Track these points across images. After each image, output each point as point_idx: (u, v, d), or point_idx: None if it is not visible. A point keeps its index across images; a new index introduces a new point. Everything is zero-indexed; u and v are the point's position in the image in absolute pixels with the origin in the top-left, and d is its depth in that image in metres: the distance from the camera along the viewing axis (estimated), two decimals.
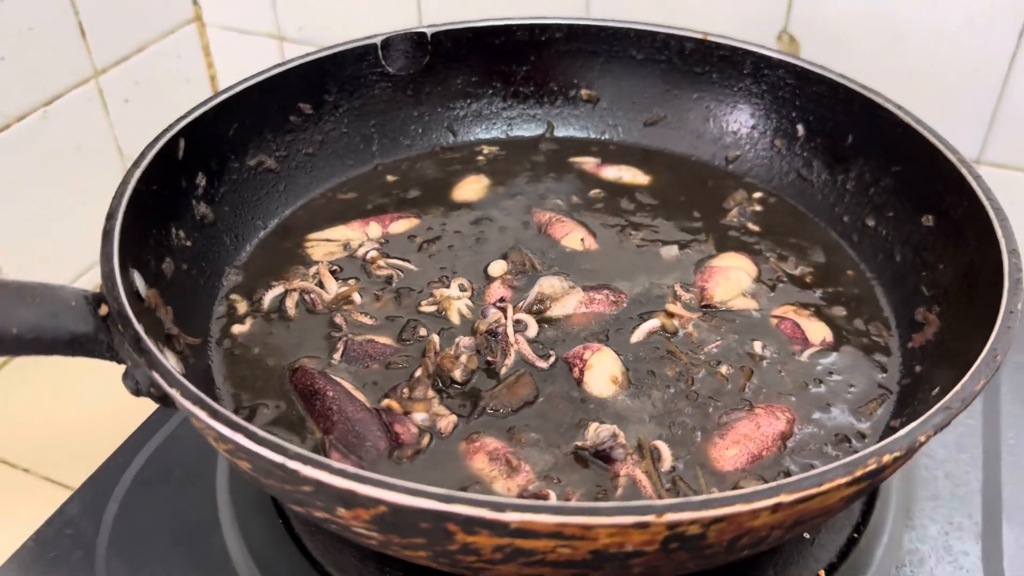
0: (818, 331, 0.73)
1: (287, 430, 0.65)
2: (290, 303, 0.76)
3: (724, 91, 0.94)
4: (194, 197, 0.78)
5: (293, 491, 0.50)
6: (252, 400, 0.68)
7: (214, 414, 0.50)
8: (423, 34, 0.93)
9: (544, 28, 0.95)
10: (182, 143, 0.77)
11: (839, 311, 0.76)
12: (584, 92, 0.98)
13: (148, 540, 0.72)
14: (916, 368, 0.68)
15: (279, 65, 0.86)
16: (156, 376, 0.52)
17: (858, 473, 0.47)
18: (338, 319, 0.74)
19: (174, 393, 0.51)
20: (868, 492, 0.57)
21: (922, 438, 0.49)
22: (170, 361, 0.63)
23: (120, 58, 1.15)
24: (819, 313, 0.75)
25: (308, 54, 0.88)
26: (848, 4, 0.97)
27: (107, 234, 0.63)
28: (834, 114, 0.85)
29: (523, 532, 0.46)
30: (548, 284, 0.76)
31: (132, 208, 0.67)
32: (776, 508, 0.47)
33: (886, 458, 0.48)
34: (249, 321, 0.75)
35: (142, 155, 0.72)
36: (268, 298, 0.76)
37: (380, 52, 0.92)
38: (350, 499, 0.48)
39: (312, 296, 0.76)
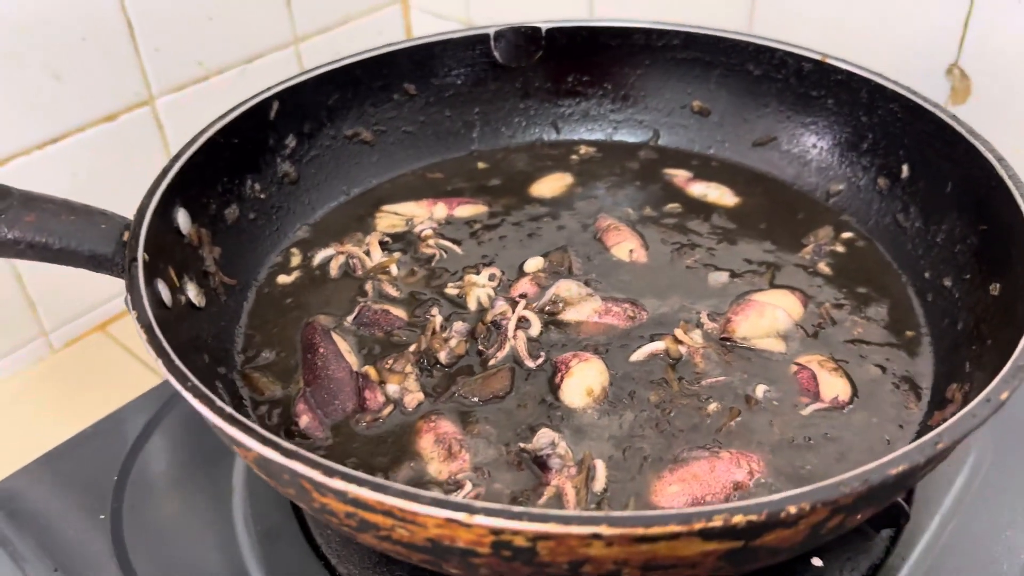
0: (834, 388, 0.66)
1: (275, 376, 0.71)
2: (334, 264, 0.81)
3: (838, 119, 0.87)
4: (280, 156, 0.86)
5: (204, 423, 0.55)
6: (261, 343, 0.74)
7: (150, 337, 0.56)
8: (537, 29, 0.94)
9: (662, 34, 0.93)
10: (276, 105, 0.84)
11: (873, 371, 0.68)
12: (696, 103, 0.95)
13: (179, 450, 0.80)
14: None
15: (388, 45, 0.91)
16: (129, 296, 0.59)
17: (697, 526, 0.43)
18: (368, 286, 0.78)
19: (133, 314, 0.58)
20: (760, 556, 0.51)
21: (792, 509, 0.44)
22: (190, 292, 0.71)
23: (322, 28, 1.25)
24: (847, 370, 0.68)
25: (419, 38, 0.93)
26: None
27: (163, 172, 0.72)
28: (938, 157, 0.76)
29: (359, 503, 0.48)
30: (565, 287, 0.75)
31: (202, 155, 0.76)
32: (606, 540, 0.44)
33: (737, 519, 0.43)
34: (295, 274, 0.81)
35: (230, 111, 0.80)
36: (319, 257, 0.82)
37: (492, 43, 0.94)
38: (230, 440, 0.51)
39: (355, 261, 0.81)
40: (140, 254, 0.63)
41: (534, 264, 0.79)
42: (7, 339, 1.03)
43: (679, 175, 0.92)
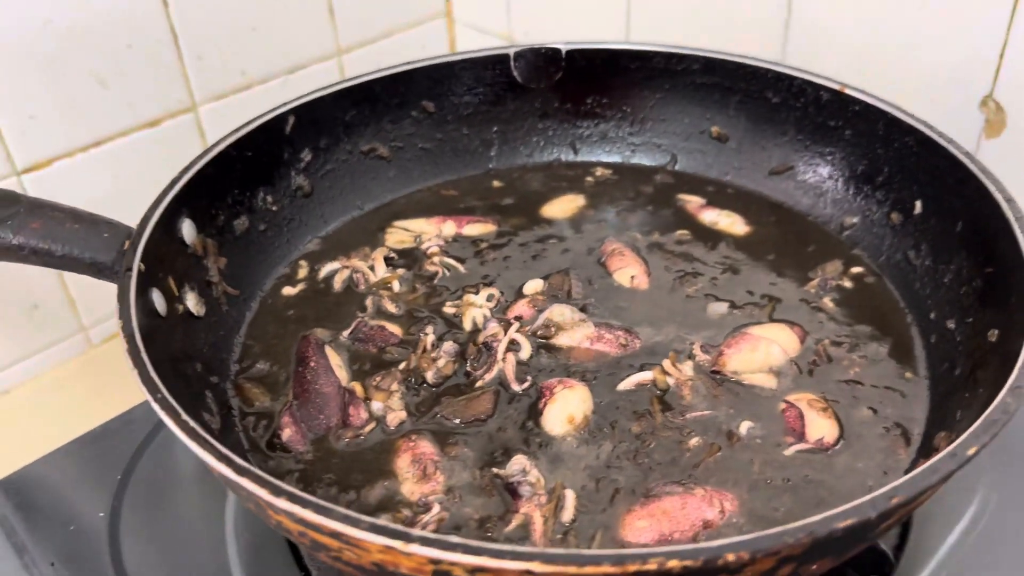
0: (820, 428, 0.65)
1: (266, 387, 0.72)
2: (339, 278, 0.82)
3: (855, 150, 0.85)
4: (295, 169, 0.87)
5: None
6: (258, 353, 0.75)
7: (130, 347, 0.57)
8: (557, 50, 0.95)
9: (682, 58, 0.92)
10: (292, 120, 0.86)
11: (864, 414, 0.67)
12: (714, 129, 0.94)
13: (180, 455, 0.82)
14: None
15: (407, 63, 0.92)
16: (118, 305, 0.61)
17: (630, 568, 0.43)
18: (368, 301, 0.79)
19: (119, 323, 0.60)
20: None
21: (730, 557, 0.43)
22: (189, 302, 0.73)
23: (365, 41, 1.26)
24: (838, 410, 0.67)
25: (438, 56, 0.94)
26: None
27: (170, 184, 0.74)
28: (950, 194, 0.74)
29: (306, 524, 0.48)
30: (559, 312, 0.75)
31: (213, 167, 0.78)
32: None
33: (672, 563, 0.43)
34: (300, 286, 0.83)
35: (244, 124, 0.82)
36: (325, 270, 0.84)
37: (512, 63, 0.95)
38: (194, 457, 0.53)
39: (358, 276, 0.82)
40: (136, 264, 0.65)
41: (533, 286, 0.79)
42: (49, 333, 1.07)
43: (692, 201, 0.91)
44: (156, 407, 0.53)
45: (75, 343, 1.10)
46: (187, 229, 0.74)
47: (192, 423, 0.52)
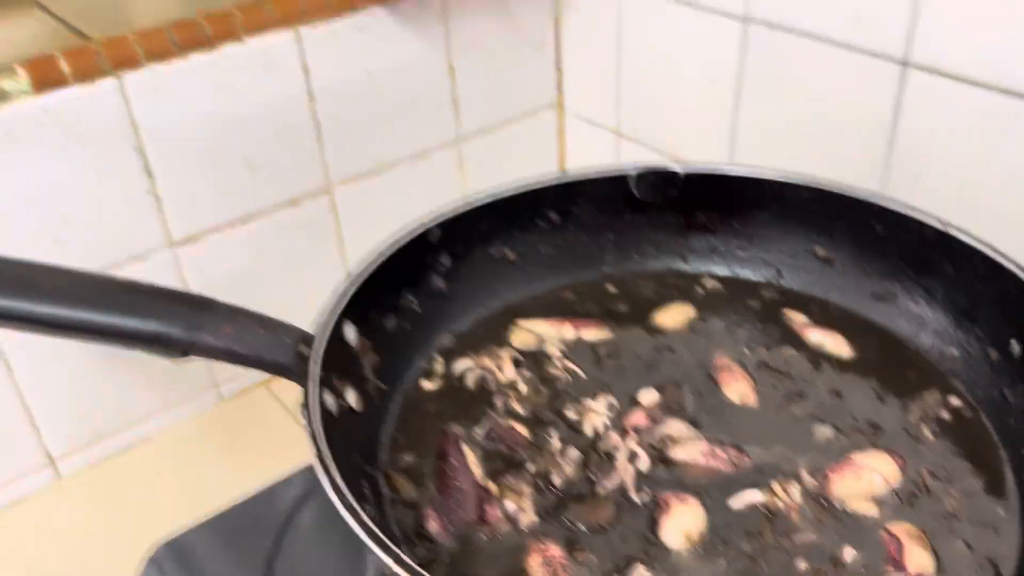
0: (919, 560, 0.71)
1: (411, 478, 0.81)
2: (471, 376, 0.92)
3: (956, 286, 0.90)
4: (435, 272, 0.97)
5: None
6: (404, 445, 0.84)
7: (318, 452, 0.67)
8: (675, 173, 1.03)
9: (792, 187, 1.00)
10: (438, 232, 0.96)
11: (960, 548, 0.72)
12: (819, 251, 1.00)
13: (324, 528, 0.92)
14: None
15: (537, 182, 1.02)
16: (306, 412, 0.71)
17: None
18: (498, 400, 0.88)
19: (308, 429, 0.70)
20: None
21: None
22: (350, 399, 0.82)
23: (483, 129, 1.38)
24: (935, 543, 0.72)
25: (565, 176, 1.03)
26: None
27: (341, 293, 0.84)
28: None
29: None
30: (675, 428, 0.82)
31: (376, 273, 0.88)
32: None
33: None
34: (437, 381, 0.92)
35: (404, 235, 0.92)
36: (458, 367, 0.93)
37: (632, 182, 1.03)
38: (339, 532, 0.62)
39: (488, 376, 0.91)
40: (312, 369, 0.75)
41: (649, 397, 0.87)
42: (185, 388, 1.20)
43: (798, 319, 0.97)
44: (344, 513, 0.62)
45: (208, 398, 1.23)
46: (350, 332, 0.84)
47: (375, 528, 0.61)
